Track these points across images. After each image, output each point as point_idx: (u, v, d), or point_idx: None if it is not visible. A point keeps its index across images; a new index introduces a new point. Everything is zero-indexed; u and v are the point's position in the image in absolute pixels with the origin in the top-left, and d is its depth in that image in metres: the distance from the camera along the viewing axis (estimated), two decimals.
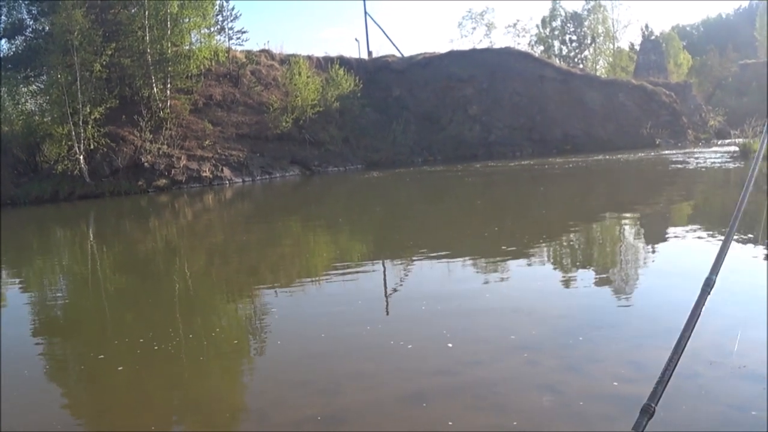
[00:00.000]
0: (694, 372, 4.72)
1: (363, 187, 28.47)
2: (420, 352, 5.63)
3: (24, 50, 38.21)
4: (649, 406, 1.91)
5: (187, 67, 37.50)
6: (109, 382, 5.59)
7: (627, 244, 11.05)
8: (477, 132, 47.21)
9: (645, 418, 1.91)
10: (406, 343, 5.87)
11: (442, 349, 5.62)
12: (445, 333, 5.99)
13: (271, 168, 37.67)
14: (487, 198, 20.71)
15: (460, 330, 6.08)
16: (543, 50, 66.00)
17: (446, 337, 5.87)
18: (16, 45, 39.26)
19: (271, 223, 18.23)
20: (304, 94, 40.85)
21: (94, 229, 21.33)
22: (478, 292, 7.74)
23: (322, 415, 4.45)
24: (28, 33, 39.47)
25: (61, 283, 11.69)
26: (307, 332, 6.58)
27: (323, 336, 6.37)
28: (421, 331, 6.23)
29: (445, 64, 50.43)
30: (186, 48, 38.50)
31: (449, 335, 5.92)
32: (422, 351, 5.64)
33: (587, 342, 5.56)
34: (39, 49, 35.53)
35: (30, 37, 39.13)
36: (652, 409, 1.90)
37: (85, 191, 32.05)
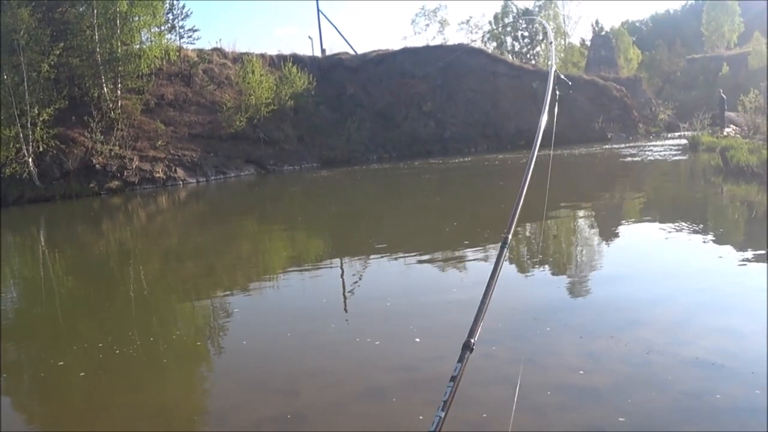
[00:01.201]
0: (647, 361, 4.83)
1: (319, 186, 28.40)
2: (380, 349, 5.64)
3: None
4: (470, 342, 2.27)
5: (137, 66, 36.95)
6: (71, 388, 5.51)
7: (582, 236, 11.23)
8: (432, 128, 47.41)
9: (467, 352, 2.27)
10: (365, 340, 5.90)
11: (403, 345, 5.66)
12: (404, 330, 6.03)
13: (226, 168, 37.35)
14: (445, 194, 20.84)
15: (419, 326, 6.11)
16: (496, 46, 66.52)
17: (406, 334, 5.90)
18: None
19: (227, 223, 18.08)
20: (257, 93, 40.56)
21: (45, 233, 20.92)
22: (436, 288, 7.79)
23: (281, 415, 4.45)
24: None
25: (13, 289, 11.46)
26: (266, 333, 6.57)
27: (282, 336, 6.36)
28: (381, 328, 6.25)
29: (399, 61, 50.55)
30: (136, 47, 37.91)
31: (408, 332, 5.95)
32: (383, 348, 5.66)
33: (544, 335, 5.65)
34: None
35: None
36: (472, 344, 2.26)
37: (34, 195, 31.36)
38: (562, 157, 30.75)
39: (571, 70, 60.23)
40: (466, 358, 2.27)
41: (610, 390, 4.41)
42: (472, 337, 2.29)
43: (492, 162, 31.47)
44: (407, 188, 23.37)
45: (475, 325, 2.33)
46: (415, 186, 23.91)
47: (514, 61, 56.55)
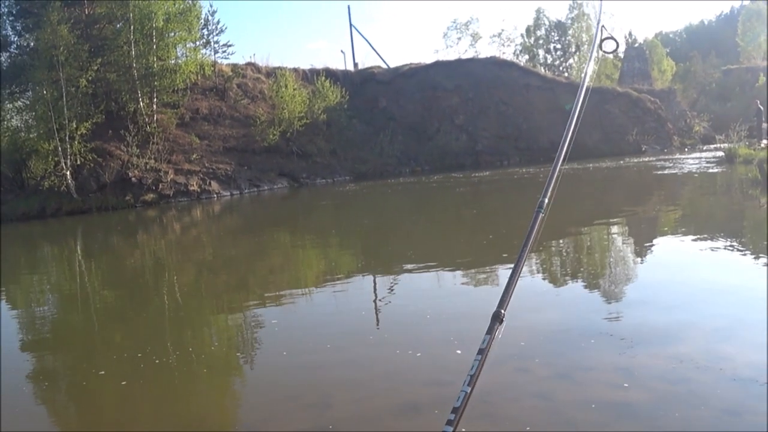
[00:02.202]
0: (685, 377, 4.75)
1: (351, 199, 28.46)
2: (412, 362, 5.61)
3: (9, 66, 38.07)
4: (500, 312, 2.25)
5: (173, 81, 37.47)
6: (112, 396, 5.56)
7: (616, 250, 11.10)
8: (464, 142, 47.32)
9: (497, 324, 2.24)
10: (406, 352, 5.87)
11: (434, 359, 5.62)
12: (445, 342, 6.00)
13: (259, 181, 37.64)
14: (480, 207, 20.72)
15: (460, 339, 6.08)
16: (528, 59, 66.31)
17: (446, 346, 5.87)
18: (0, 61, 39.12)
19: (260, 236, 18.20)
20: (290, 107, 40.88)
21: (81, 244, 21.24)
22: (468, 302, 7.75)
23: (313, 430, 4.45)
24: (12, 49, 39.37)
25: (51, 299, 11.63)
26: (298, 345, 6.56)
27: (314, 348, 6.35)
28: (413, 341, 6.20)
29: (431, 74, 50.59)
30: (172, 62, 38.48)
31: (449, 344, 5.92)
32: (414, 362, 5.62)
33: (578, 350, 5.57)
34: (24, 65, 35.44)
35: (15, 53, 39.04)
36: (502, 315, 2.24)
37: (72, 207, 31.91)
38: (596, 170, 30.50)
39: (605, 82, 59.72)
40: (495, 330, 2.23)
41: (648, 407, 4.34)
42: (501, 307, 2.27)
43: (525, 175, 31.31)
44: (441, 201, 23.33)
45: (506, 295, 2.32)
46: (449, 199, 23.86)
47: (546, 73, 56.33)
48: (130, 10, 36.19)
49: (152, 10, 36.27)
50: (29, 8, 36.73)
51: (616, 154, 42.82)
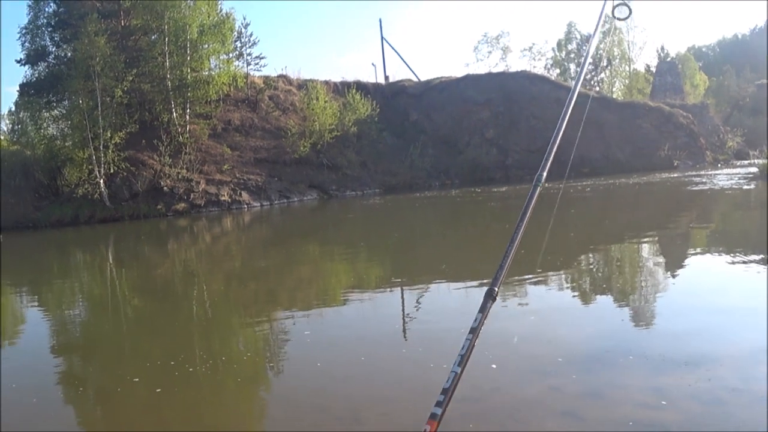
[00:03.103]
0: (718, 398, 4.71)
1: (381, 211, 28.50)
2: (440, 377, 5.58)
3: (46, 76, 38.74)
4: (493, 290, 2.26)
5: (206, 92, 37.91)
6: (149, 404, 5.62)
7: (647, 267, 11.01)
8: (494, 155, 47.21)
9: (489, 301, 2.25)
10: (425, 368, 5.86)
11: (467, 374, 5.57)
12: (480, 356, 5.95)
13: (289, 192, 37.84)
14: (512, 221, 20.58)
15: (478, 355, 6.04)
16: (559, 73, 66.05)
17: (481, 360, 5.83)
18: (38, 71, 39.80)
19: (289, 247, 18.29)
20: (321, 119, 41.11)
21: (113, 252, 21.49)
22: (497, 317, 7.72)
23: None
24: (50, 59, 40.05)
25: (82, 305, 11.79)
26: (329, 356, 6.57)
27: (342, 360, 6.37)
28: (441, 356, 6.17)
29: (462, 88, 50.57)
30: (205, 74, 38.93)
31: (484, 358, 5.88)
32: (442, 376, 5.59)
33: (609, 368, 5.52)
34: (61, 75, 36.07)
35: (52, 63, 39.69)
36: (495, 292, 2.26)
37: (104, 215, 32.35)
38: (626, 186, 30.27)
39: (636, 97, 59.36)
40: (488, 307, 2.24)
41: (680, 428, 4.30)
42: (495, 285, 2.28)
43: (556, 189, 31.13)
44: (472, 215, 23.29)
45: (499, 273, 2.32)
46: (480, 213, 23.80)
47: None
48: (165, 22, 36.69)
49: (187, 22, 36.77)
50: (67, 19, 37.37)
51: (647, 169, 42.43)
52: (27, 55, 39.64)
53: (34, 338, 8.91)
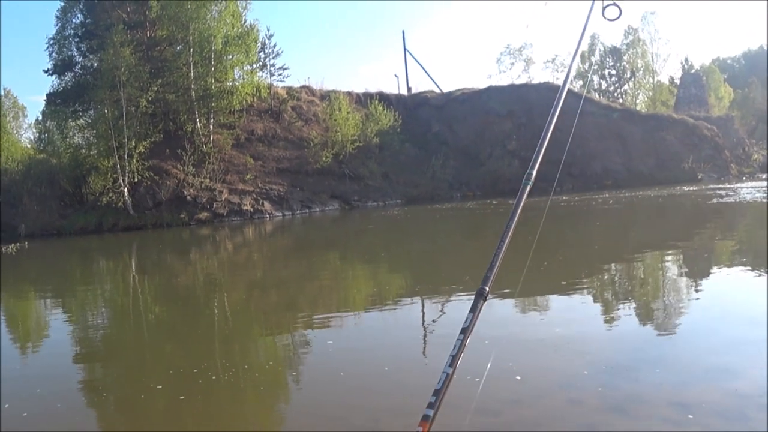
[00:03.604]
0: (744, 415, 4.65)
1: (402, 222, 28.49)
2: (460, 390, 5.56)
3: (73, 86, 39.26)
4: (483, 290, 2.32)
5: (229, 102, 38.22)
6: (173, 410, 5.65)
7: (670, 280, 10.91)
8: (516, 167, 47.02)
9: (480, 301, 2.30)
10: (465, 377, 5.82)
11: (484, 387, 5.56)
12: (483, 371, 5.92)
13: (311, 202, 37.98)
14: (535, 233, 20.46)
15: (499, 368, 6.01)
16: (582, 85, 65.82)
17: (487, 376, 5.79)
18: (65, 81, 40.34)
19: (311, 257, 18.33)
20: (344, 130, 41.28)
21: (136, 260, 21.66)
22: (518, 329, 7.70)
23: None
24: (77, 69, 40.59)
25: (105, 313, 11.89)
26: (349, 367, 6.56)
27: (364, 371, 6.35)
28: (461, 368, 6.13)
29: (484, 99, 50.56)
30: (229, 84, 39.27)
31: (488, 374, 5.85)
32: (463, 389, 5.57)
33: (632, 382, 5.45)
34: (87, 85, 36.55)
35: (79, 73, 40.23)
36: (486, 292, 2.31)
37: (128, 223, 32.67)
38: (649, 198, 30.07)
39: (660, 109, 59.00)
40: (479, 307, 2.28)
41: None
42: (485, 284, 2.33)
43: (581, 202, 30.99)
44: (493, 227, 23.22)
45: (489, 273, 2.38)
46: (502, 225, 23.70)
47: (600, 99, 55.81)
48: (190, 33, 37.07)
49: (212, 33, 37.12)
50: (94, 30, 37.87)
51: (671, 181, 42.14)
52: (54, 65, 40.22)
53: (57, 344, 8.98)
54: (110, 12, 38.09)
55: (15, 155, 43.33)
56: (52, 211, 34.55)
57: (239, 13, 39.91)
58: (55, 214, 34.42)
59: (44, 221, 33.55)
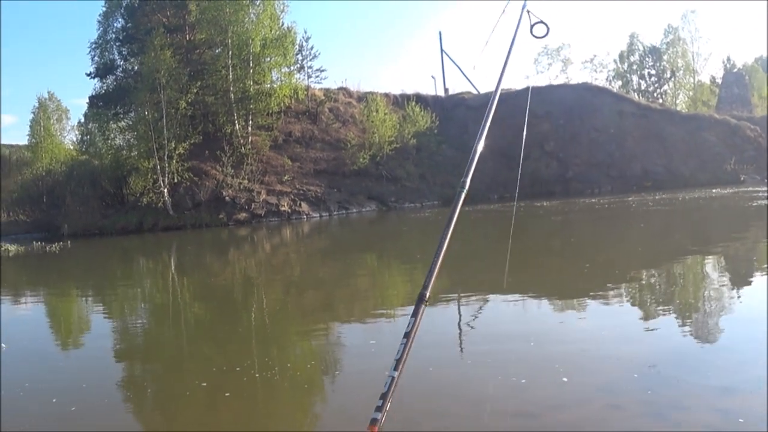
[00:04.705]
0: None
1: (440, 223, 28.40)
2: (499, 392, 5.55)
3: (114, 89, 39.95)
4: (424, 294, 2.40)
5: (268, 104, 38.54)
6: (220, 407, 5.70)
7: (710, 285, 10.74)
8: (554, 168, 46.74)
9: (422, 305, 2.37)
10: (484, 383, 5.81)
11: (521, 390, 5.52)
12: (518, 375, 5.89)
13: (348, 203, 38.10)
14: (574, 236, 20.32)
15: (539, 372, 5.98)
16: (621, 85, 65.05)
17: (520, 379, 5.76)
18: (107, 84, 41.05)
19: (348, 257, 18.40)
20: (381, 131, 41.35)
21: (175, 259, 21.93)
22: (557, 333, 7.64)
23: None
24: (118, 72, 41.31)
25: (145, 311, 12.06)
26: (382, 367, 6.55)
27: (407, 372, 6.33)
28: (499, 371, 6.11)
29: (521, 100, 50.09)
30: (267, 86, 39.57)
31: (526, 376, 5.81)
32: (501, 392, 5.55)
33: (673, 388, 5.35)
34: (128, 88, 37.18)
35: (120, 76, 40.94)
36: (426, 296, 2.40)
37: (168, 223, 33.09)
38: (690, 200, 29.62)
39: (701, 109, 58.08)
40: (420, 311, 2.35)
41: None
42: (425, 290, 2.39)
43: (618, 203, 30.66)
44: (533, 228, 23.07)
45: (429, 278, 2.45)
46: (541, 226, 23.56)
47: (640, 100, 55.15)
48: (229, 36, 37.44)
49: (250, 36, 37.47)
50: (135, 34, 38.49)
51: (712, 183, 41.47)
52: (96, 69, 40.99)
53: (99, 341, 9.14)
54: (150, 16, 38.70)
55: (59, 157, 44.24)
56: (94, 211, 35.17)
57: (277, 15, 40.19)
58: (96, 214, 35.02)
59: (86, 221, 34.14)
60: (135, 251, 25.96)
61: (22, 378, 6.82)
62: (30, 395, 6.19)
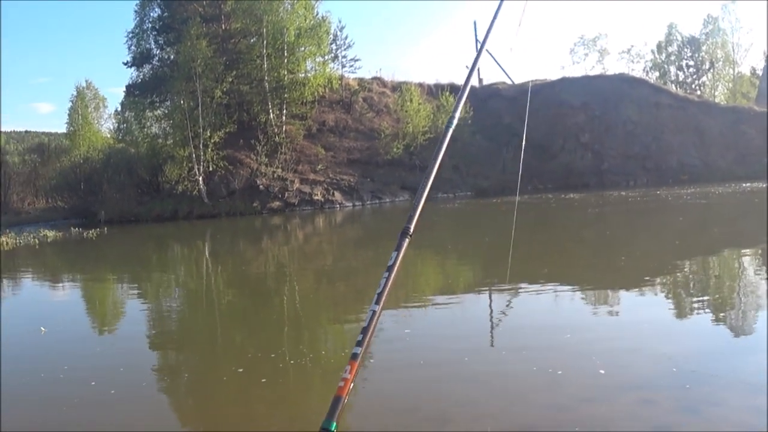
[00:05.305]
0: None
1: (472, 214, 28.37)
2: (530, 384, 5.53)
3: (150, 77, 40.29)
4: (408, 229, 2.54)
5: (302, 93, 38.63)
6: (257, 393, 5.79)
7: (746, 282, 10.58)
8: (589, 160, 46.27)
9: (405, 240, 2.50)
10: (515, 374, 5.81)
11: (553, 382, 5.50)
12: (554, 366, 5.87)
13: (381, 193, 38.13)
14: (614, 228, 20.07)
15: (570, 365, 5.95)
16: (658, 76, 64.05)
17: (556, 371, 5.74)
18: (143, 73, 41.44)
19: (380, 247, 18.42)
20: (415, 121, 41.30)
21: (209, 247, 22.15)
22: (590, 326, 7.59)
23: None
24: (154, 61, 41.64)
25: (180, 297, 12.22)
26: (413, 357, 6.58)
27: (431, 362, 6.36)
28: (530, 363, 6.07)
29: (557, 91, 49.69)
30: (301, 75, 39.68)
31: (558, 369, 5.79)
32: (532, 384, 5.54)
33: (706, 384, 5.29)
34: (164, 77, 37.45)
35: (156, 66, 41.25)
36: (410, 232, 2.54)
37: (202, 211, 33.40)
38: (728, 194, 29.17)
39: (741, 101, 57.02)
40: (403, 246, 2.46)
41: None
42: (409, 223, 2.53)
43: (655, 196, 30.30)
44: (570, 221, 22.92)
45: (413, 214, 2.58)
46: (579, 219, 23.37)
47: (678, 91, 54.32)
48: (264, 25, 37.58)
49: (285, 25, 37.58)
50: (171, 23, 38.78)
51: (751, 177, 40.70)
52: (133, 58, 41.38)
53: (134, 326, 9.31)
54: (186, 6, 38.93)
55: (96, 145, 44.84)
56: (130, 199, 35.61)
57: (311, 5, 40.23)
58: (132, 201, 35.46)
59: (122, 208, 34.58)
60: (170, 238, 26.27)
61: (62, 361, 6.97)
62: (69, 377, 6.33)
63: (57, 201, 41.03)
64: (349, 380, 2.29)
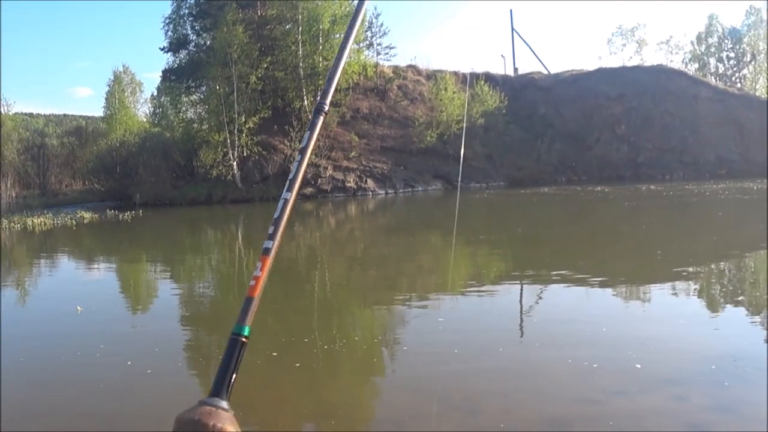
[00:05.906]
0: None
1: (505, 205, 28.23)
2: (561, 377, 5.49)
3: (187, 63, 40.65)
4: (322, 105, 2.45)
5: None
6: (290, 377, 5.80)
7: None
8: (624, 153, 45.78)
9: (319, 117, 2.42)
10: (545, 366, 5.77)
11: (584, 375, 5.45)
12: (589, 360, 5.82)
13: (414, 181, 38.11)
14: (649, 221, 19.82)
15: (602, 358, 5.89)
16: (697, 68, 63.09)
17: (587, 364, 5.69)
18: (179, 58, 41.81)
19: (412, 235, 18.41)
20: (449, 110, 41.14)
21: (242, 231, 22.32)
22: (626, 320, 7.51)
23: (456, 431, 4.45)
24: (191, 47, 42.01)
25: (212, 280, 12.33)
26: (444, 347, 6.54)
27: (460, 352, 6.34)
28: (561, 355, 5.99)
29: (593, 81, 49.21)
30: None
31: (590, 362, 5.74)
32: (563, 376, 5.50)
33: (742, 382, 5.22)
34: (200, 62, 37.80)
35: (192, 51, 41.62)
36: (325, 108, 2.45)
37: (236, 195, 33.72)
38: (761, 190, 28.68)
39: None
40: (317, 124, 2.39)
41: None
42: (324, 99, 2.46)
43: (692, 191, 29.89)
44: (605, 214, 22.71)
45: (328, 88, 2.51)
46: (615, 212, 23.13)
47: (717, 84, 53.45)
48: (299, 12, 37.67)
49: (320, 12, 37.62)
50: (207, 9, 39.02)
51: None
52: (170, 43, 41.77)
53: (167, 307, 9.41)
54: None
55: (132, 129, 45.42)
56: (165, 182, 36.04)
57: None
58: (167, 185, 35.89)
59: (157, 191, 35.02)
60: (203, 222, 26.51)
61: (98, 340, 7.07)
62: (105, 357, 6.41)
63: (93, 183, 41.68)
64: (261, 278, 2.23)
